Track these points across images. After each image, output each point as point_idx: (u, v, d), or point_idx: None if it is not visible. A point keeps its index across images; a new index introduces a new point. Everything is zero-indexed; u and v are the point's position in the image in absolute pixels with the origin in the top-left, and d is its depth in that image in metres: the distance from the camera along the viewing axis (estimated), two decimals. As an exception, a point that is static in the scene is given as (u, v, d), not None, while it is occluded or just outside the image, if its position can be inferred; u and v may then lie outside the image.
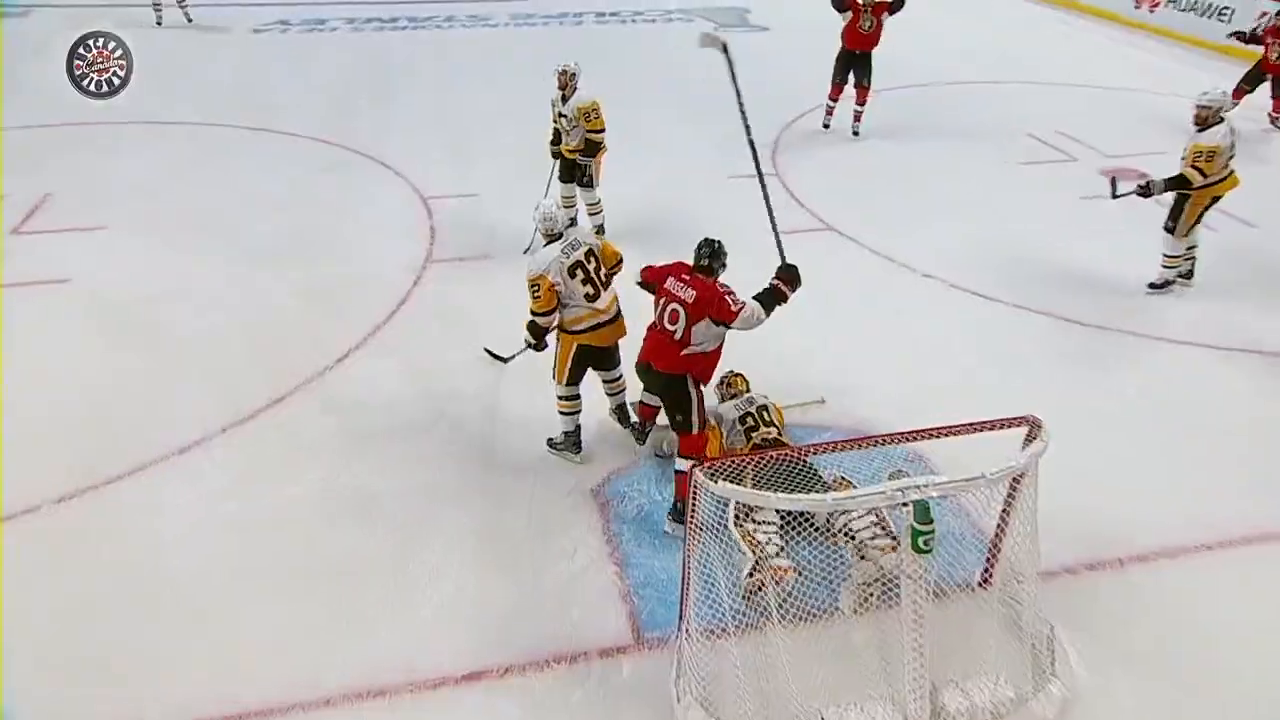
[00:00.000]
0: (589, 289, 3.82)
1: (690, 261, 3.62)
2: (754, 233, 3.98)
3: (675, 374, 3.61)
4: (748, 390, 4.13)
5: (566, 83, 5.50)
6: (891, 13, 7.65)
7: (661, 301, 3.60)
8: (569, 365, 3.95)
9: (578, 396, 4.03)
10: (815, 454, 3.11)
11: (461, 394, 4.50)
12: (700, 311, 3.50)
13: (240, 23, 11.56)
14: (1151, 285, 5.55)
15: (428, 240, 6.06)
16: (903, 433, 3.08)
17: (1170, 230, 5.41)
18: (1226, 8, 10.93)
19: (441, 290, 5.43)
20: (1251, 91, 8.65)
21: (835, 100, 7.96)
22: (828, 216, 6.45)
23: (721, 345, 3.66)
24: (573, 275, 3.78)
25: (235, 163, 7.33)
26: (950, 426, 2.98)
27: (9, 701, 2.97)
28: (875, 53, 7.73)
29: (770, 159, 7.51)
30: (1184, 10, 11.52)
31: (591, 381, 4.12)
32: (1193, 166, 5.18)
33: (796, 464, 3.20)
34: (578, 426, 4.08)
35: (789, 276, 3.59)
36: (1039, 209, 6.67)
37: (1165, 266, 5.51)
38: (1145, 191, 5.31)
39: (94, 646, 3.18)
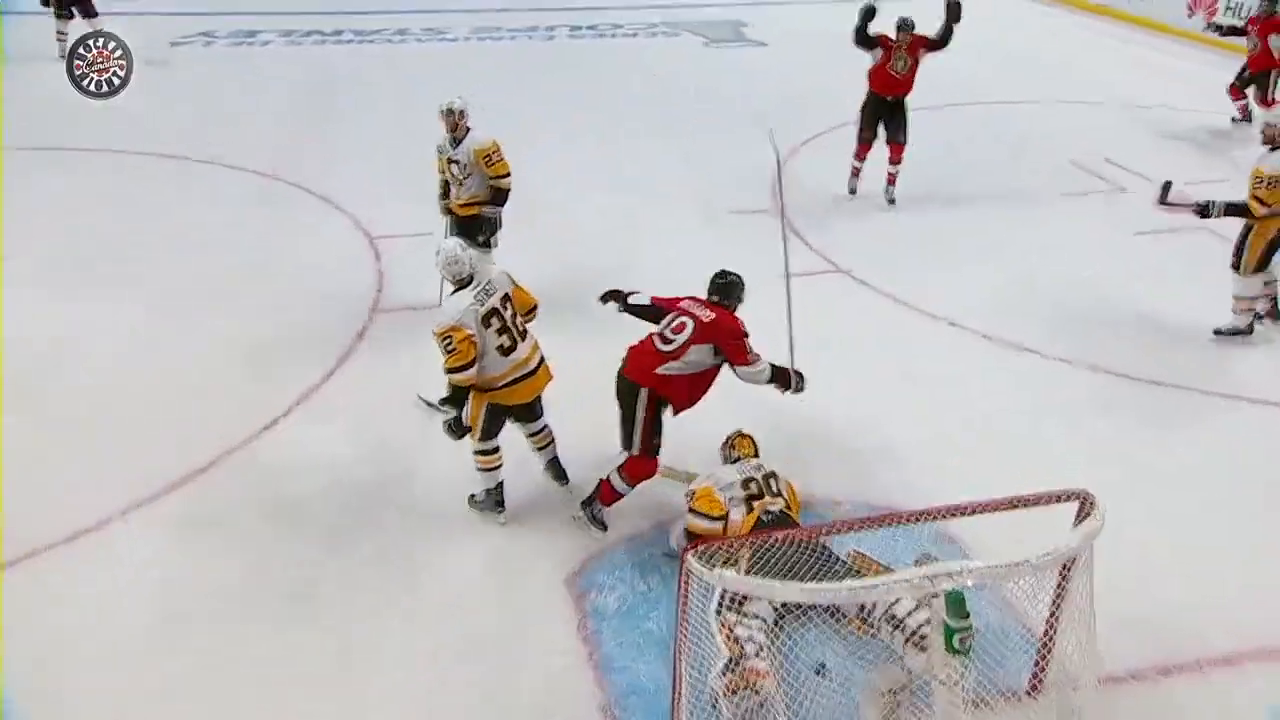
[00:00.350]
0: (504, 339, 3.89)
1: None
2: (750, 279, 4.10)
3: (638, 384, 3.90)
4: (755, 455, 4.15)
5: (456, 123, 5.27)
6: (932, 49, 7.11)
7: (671, 315, 3.98)
8: (483, 420, 4.01)
9: (497, 450, 4.12)
10: (825, 535, 3.11)
11: (412, 463, 4.50)
12: (711, 336, 3.87)
13: (156, 34, 11.54)
14: (1218, 331, 5.67)
15: (375, 286, 6.12)
16: (930, 509, 3.09)
17: (1236, 268, 5.56)
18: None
19: (390, 343, 5.46)
20: (1246, 88, 9.14)
21: (862, 160, 7.46)
22: (839, 256, 6.58)
23: (707, 382, 3.97)
24: (487, 324, 3.83)
25: (150, 196, 7.42)
26: (987, 502, 2.99)
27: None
28: (910, 98, 7.25)
29: (772, 188, 7.68)
30: (1244, 19, 11.92)
31: (564, 435, 4.13)
32: (1253, 196, 5.35)
33: (806, 546, 3.20)
34: (499, 483, 4.16)
35: (792, 383, 4.04)
36: (1085, 246, 6.83)
37: (1236, 311, 5.64)
38: (1203, 211, 5.48)
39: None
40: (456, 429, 4.04)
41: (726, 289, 4.06)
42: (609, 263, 6.41)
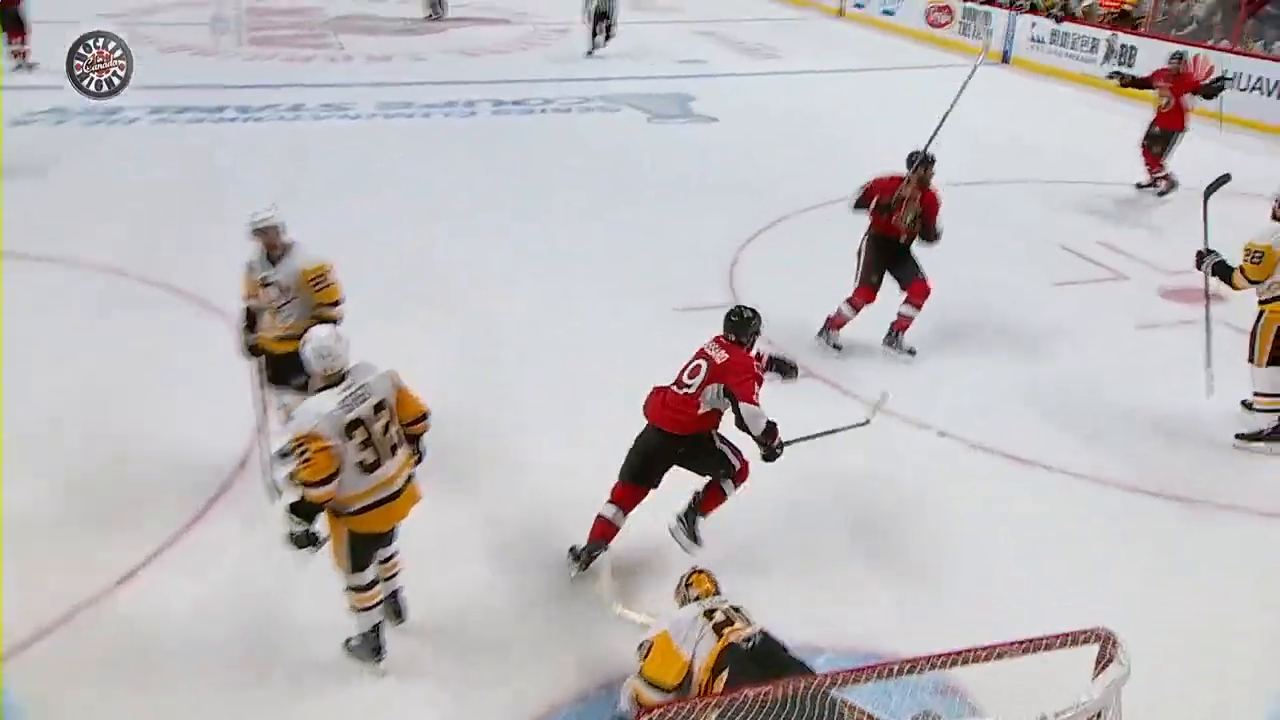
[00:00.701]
0: (367, 455, 3.86)
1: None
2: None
3: (693, 434, 4.52)
4: (716, 593, 4.11)
5: (274, 240, 5.06)
6: (917, 238, 6.66)
7: (691, 359, 4.57)
8: (348, 553, 3.98)
9: (373, 585, 4.07)
10: (808, 691, 3.06)
11: (298, 623, 4.37)
12: (721, 375, 4.44)
13: (-4, 112, 11.54)
14: (1240, 436, 5.86)
15: (259, 405, 6.03)
16: (928, 656, 3.07)
17: (1251, 360, 5.81)
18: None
19: (276, 473, 5.35)
20: (1164, 155, 9.83)
21: (858, 306, 6.75)
22: (803, 355, 6.67)
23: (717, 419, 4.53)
24: (349, 435, 3.81)
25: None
26: (993, 646, 2.99)
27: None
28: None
29: (727, 278, 7.89)
30: (1246, 90, 12.83)
31: (544, 559, 4.04)
32: (1240, 267, 5.73)
33: (790, 703, 3.14)
34: (377, 625, 4.10)
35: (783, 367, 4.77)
36: (1083, 342, 7.08)
37: (1260, 409, 5.85)
38: (1199, 261, 5.96)
39: None
40: (304, 541, 3.90)
41: (740, 326, 4.59)
42: (538, 368, 6.49)
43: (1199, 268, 6.02)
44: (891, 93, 14.92)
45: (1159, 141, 9.95)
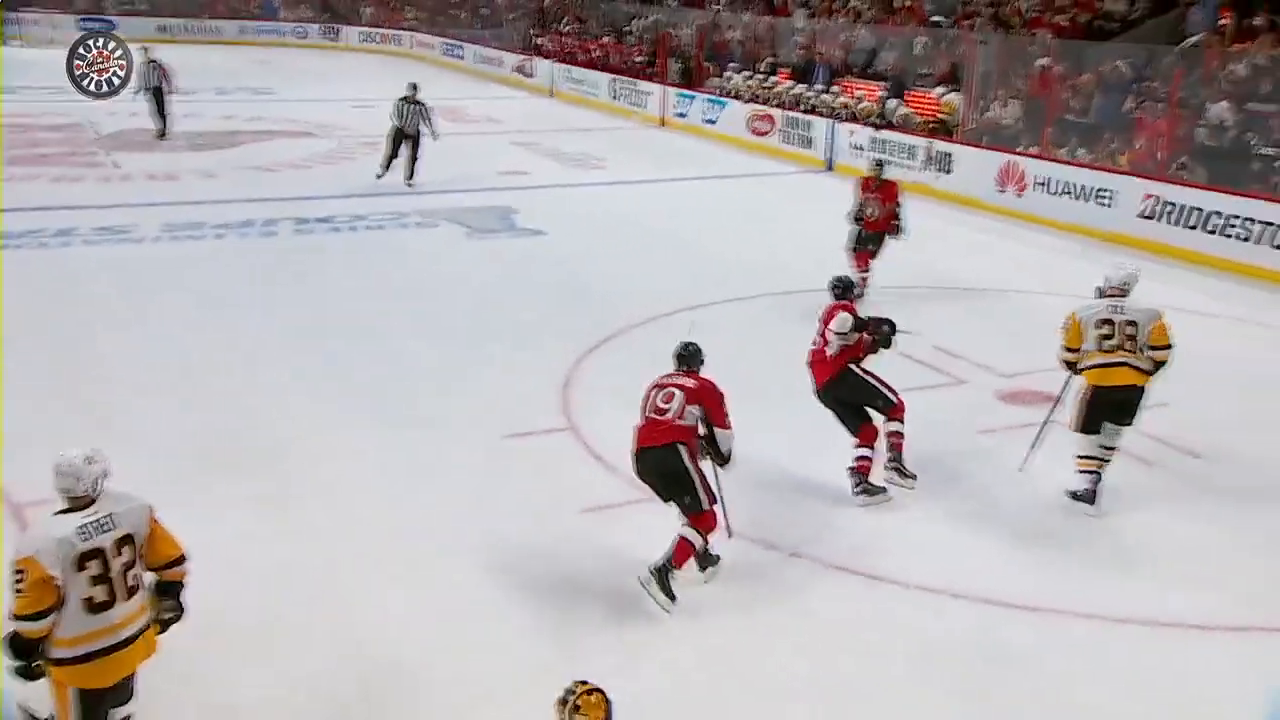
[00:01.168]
0: (98, 592, 3.68)
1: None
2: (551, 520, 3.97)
3: (668, 444, 5.29)
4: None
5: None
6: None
7: (652, 393, 5.45)
8: (76, 713, 3.71)
9: None
10: None
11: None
12: (698, 398, 5.38)
13: None
14: (1072, 493, 6.47)
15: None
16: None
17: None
18: (1105, 191, 13.35)
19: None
20: (875, 255, 10.43)
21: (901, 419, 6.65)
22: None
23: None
24: (81, 566, 3.64)
25: None
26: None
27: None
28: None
29: (560, 400, 7.77)
30: (1056, 194, 13.92)
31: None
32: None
33: None
34: None
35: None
36: (926, 451, 7.12)
37: (1079, 470, 6.45)
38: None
39: None
40: (30, 675, 3.70)
41: (691, 357, 5.57)
42: (356, 516, 6.15)
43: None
44: (719, 200, 15.45)
45: (869, 243, 10.42)
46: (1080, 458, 6.46)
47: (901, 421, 6.47)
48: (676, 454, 5.28)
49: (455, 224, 13.35)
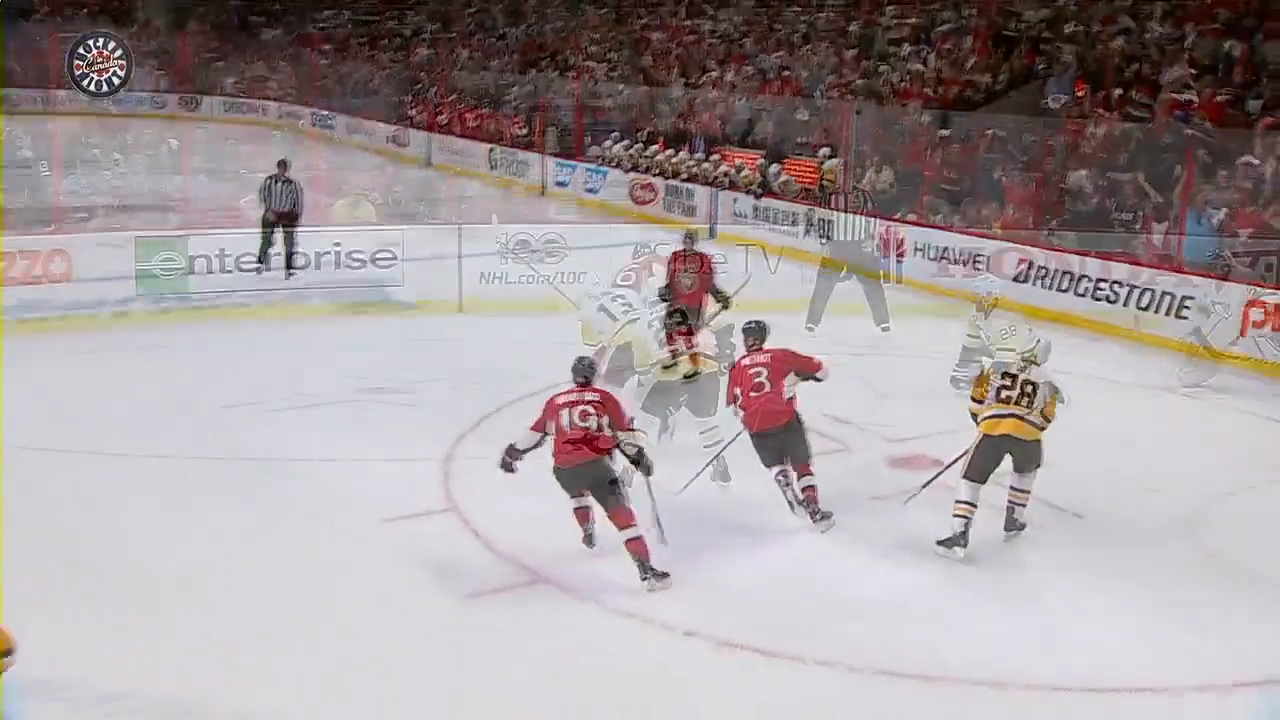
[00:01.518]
0: None
1: None
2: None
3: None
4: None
5: None
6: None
7: (565, 411, 6.37)
8: None
9: None
10: None
11: None
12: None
13: None
14: (940, 542, 6.65)
15: None
16: None
17: None
18: (980, 253, 13.87)
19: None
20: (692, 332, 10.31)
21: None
22: (541, 565, 6.55)
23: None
24: None
25: None
26: None
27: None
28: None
29: (442, 480, 7.70)
30: (932, 259, 14.45)
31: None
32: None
33: None
34: None
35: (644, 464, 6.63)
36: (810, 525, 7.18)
37: (954, 514, 6.71)
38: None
39: None
40: None
41: (587, 369, 6.64)
42: (228, 628, 5.94)
43: None
44: (605, 270, 15.48)
45: (693, 315, 10.47)
46: (958, 502, 6.71)
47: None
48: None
49: (326, 299, 13.10)
